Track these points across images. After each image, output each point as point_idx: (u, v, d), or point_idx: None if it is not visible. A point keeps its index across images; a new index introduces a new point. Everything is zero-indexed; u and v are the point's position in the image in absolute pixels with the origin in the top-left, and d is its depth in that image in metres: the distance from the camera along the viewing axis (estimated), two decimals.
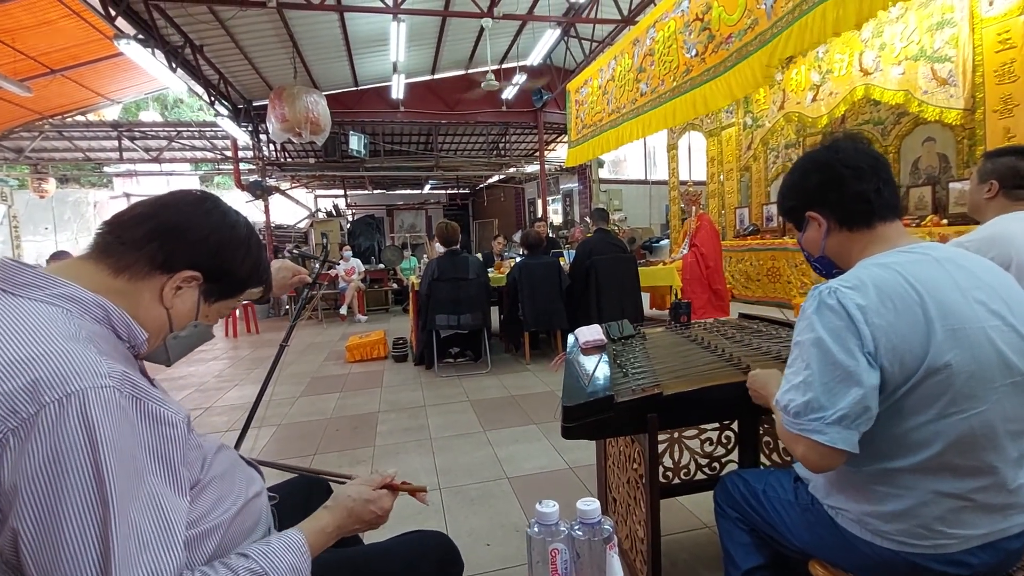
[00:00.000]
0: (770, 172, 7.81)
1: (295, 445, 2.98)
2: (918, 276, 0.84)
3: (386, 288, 9.92)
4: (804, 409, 0.83)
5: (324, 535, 0.78)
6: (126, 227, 0.71)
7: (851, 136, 1.00)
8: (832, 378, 0.81)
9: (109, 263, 0.70)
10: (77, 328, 0.62)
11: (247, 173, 10.70)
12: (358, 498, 0.84)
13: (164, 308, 0.73)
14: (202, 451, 0.74)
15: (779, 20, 3.28)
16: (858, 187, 0.93)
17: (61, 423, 0.54)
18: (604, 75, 6.23)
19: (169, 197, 0.77)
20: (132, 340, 0.71)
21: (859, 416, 0.80)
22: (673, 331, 1.86)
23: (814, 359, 0.84)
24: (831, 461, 0.82)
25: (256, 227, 0.90)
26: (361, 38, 7.98)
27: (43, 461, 0.53)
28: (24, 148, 10.59)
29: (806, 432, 0.83)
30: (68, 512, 0.53)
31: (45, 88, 7.57)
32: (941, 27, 4.80)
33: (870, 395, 0.80)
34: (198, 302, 0.77)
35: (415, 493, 0.96)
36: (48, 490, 0.53)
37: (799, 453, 0.85)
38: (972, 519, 0.82)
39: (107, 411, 0.57)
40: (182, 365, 5.39)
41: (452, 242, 4.53)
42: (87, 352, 0.59)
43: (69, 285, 0.65)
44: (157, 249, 0.71)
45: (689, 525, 1.91)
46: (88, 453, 0.54)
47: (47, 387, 0.54)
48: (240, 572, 0.65)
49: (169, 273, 0.72)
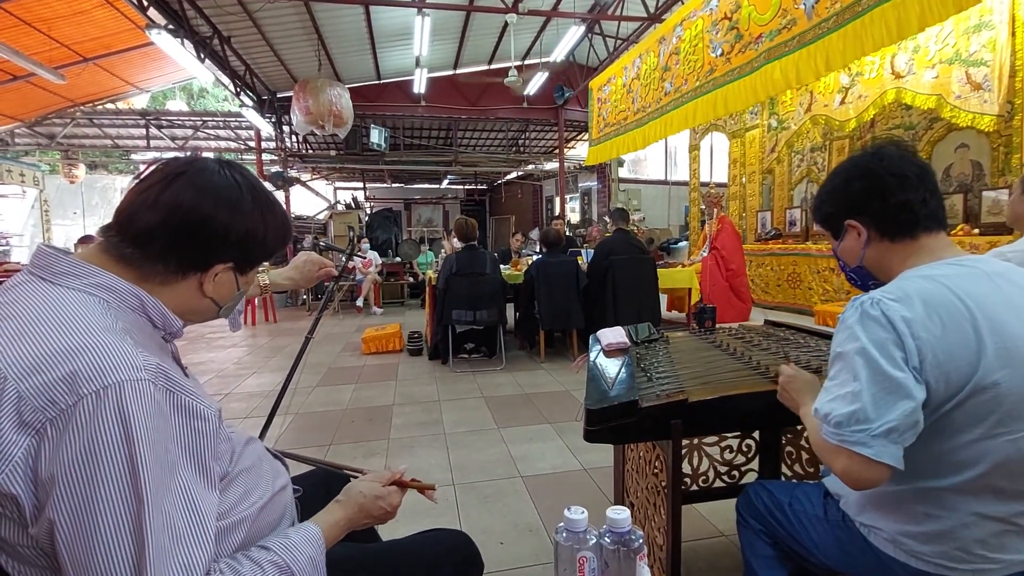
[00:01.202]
0: (794, 176, 7.67)
1: (312, 435, 3.01)
2: (968, 290, 0.81)
3: (402, 281, 9.97)
4: (848, 420, 0.79)
5: (337, 528, 0.79)
6: (139, 239, 0.68)
7: (897, 143, 0.97)
8: (881, 389, 0.78)
9: (133, 273, 0.68)
10: (114, 319, 0.63)
11: (269, 164, 10.84)
12: (369, 494, 0.85)
13: (208, 298, 0.75)
14: (231, 444, 0.75)
15: (824, 21, 3.18)
16: (903, 196, 0.89)
17: (98, 415, 0.54)
18: (629, 73, 6.17)
19: (167, 194, 0.68)
20: (167, 328, 0.71)
21: (908, 430, 0.77)
22: (697, 336, 1.83)
23: (861, 369, 0.80)
24: (874, 476, 0.78)
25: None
26: (385, 32, 8.01)
27: (79, 452, 0.54)
28: (56, 134, 10.87)
29: (848, 444, 0.78)
30: (103, 504, 0.54)
31: (78, 76, 7.74)
32: (979, 30, 4.66)
33: (919, 409, 0.77)
34: (236, 280, 0.77)
35: (424, 491, 0.96)
36: (84, 482, 0.53)
37: (839, 467, 0.81)
38: (1015, 544, 0.79)
39: (142, 404, 0.57)
40: (202, 351, 5.50)
41: (470, 238, 4.54)
42: (124, 344, 0.59)
43: (105, 274, 0.66)
44: (180, 259, 0.70)
45: (706, 533, 1.89)
46: (123, 446, 0.55)
47: (85, 379, 0.55)
48: (264, 565, 0.66)
49: (203, 270, 0.72)
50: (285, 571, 0.67)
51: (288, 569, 0.67)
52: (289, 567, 0.67)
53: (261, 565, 0.66)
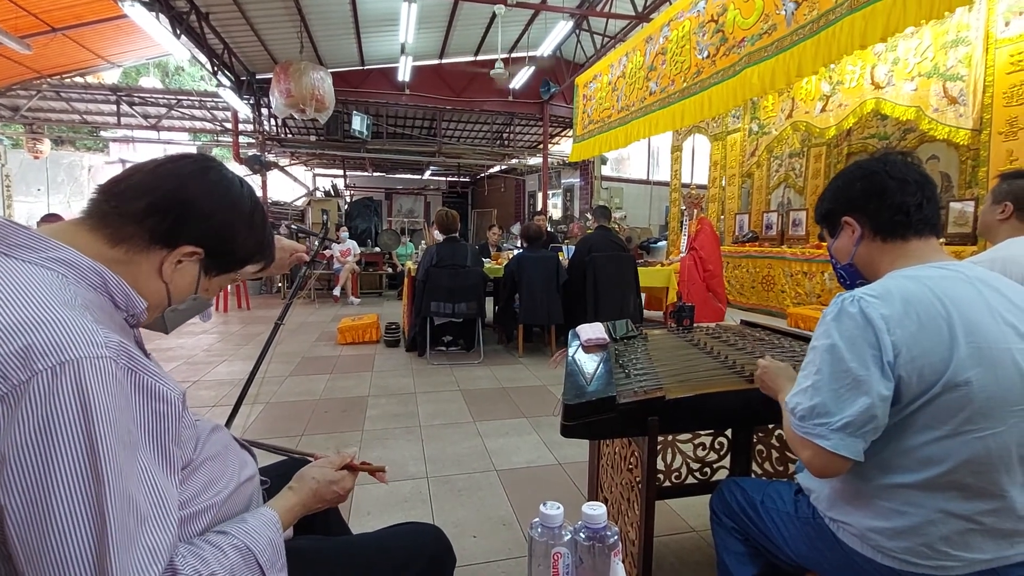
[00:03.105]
0: (772, 180, 7.81)
1: (283, 425, 2.95)
2: (947, 292, 0.83)
3: (381, 272, 9.85)
4: (810, 413, 0.85)
5: (292, 514, 0.80)
6: (125, 197, 0.67)
7: (904, 153, 1.00)
8: (841, 385, 0.82)
9: (106, 233, 0.66)
10: (73, 294, 0.59)
11: (246, 147, 10.56)
12: (322, 479, 0.85)
13: (163, 282, 0.71)
14: (196, 431, 0.72)
15: (801, 28, 3.24)
16: (900, 198, 0.93)
17: (54, 392, 0.51)
18: (615, 71, 6.18)
19: (171, 165, 0.72)
20: (131, 309, 0.68)
21: (864, 425, 0.81)
22: (675, 334, 1.85)
23: (825, 365, 0.85)
24: (835, 467, 0.84)
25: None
26: (371, 16, 7.86)
27: (33, 430, 0.50)
28: (20, 107, 10.38)
29: (810, 436, 0.85)
30: (59, 485, 0.50)
31: (45, 47, 7.40)
32: (956, 45, 4.79)
33: (878, 405, 0.80)
34: (198, 277, 0.74)
35: (375, 473, 0.98)
36: (37, 462, 0.50)
37: (804, 456, 0.87)
38: (978, 543, 0.81)
39: (103, 382, 0.54)
40: (171, 337, 5.34)
41: (451, 230, 4.50)
42: (84, 320, 0.56)
43: (65, 249, 0.62)
44: (158, 223, 0.67)
45: (677, 528, 1.91)
46: (82, 424, 0.52)
47: (41, 354, 0.51)
48: (224, 548, 0.64)
49: (170, 248, 0.69)
50: (246, 553, 0.66)
51: (249, 551, 0.66)
52: (249, 549, 0.66)
53: (222, 548, 0.64)
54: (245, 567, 0.65)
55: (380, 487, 2.18)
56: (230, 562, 0.64)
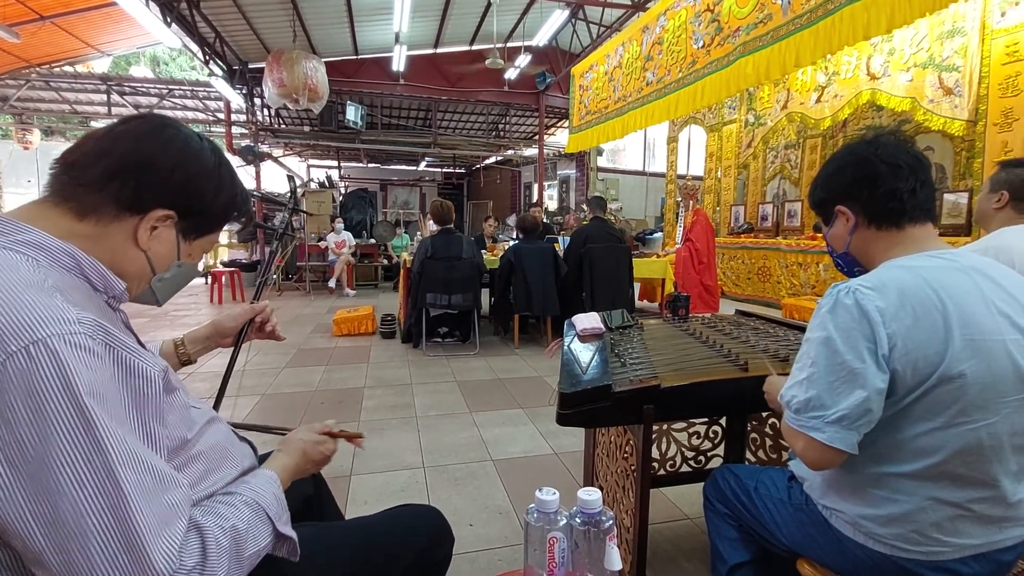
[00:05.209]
0: (768, 172, 7.81)
1: (279, 416, 2.95)
2: (943, 283, 0.82)
3: (376, 263, 9.83)
4: (805, 406, 0.85)
5: (287, 472, 0.81)
6: (81, 166, 0.64)
7: (895, 133, 0.97)
8: (836, 378, 0.82)
9: (71, 206, 0.63)
10: (43, 276, 0.57)
11: (239, 137, 10.47)
12: (309, 440, 0.88)
13: (141, 251, 0.68)
14: (187, 415, 0.70)
15: (798, 17, 3.22)
16: (893, 185, 0.90)
17: (32, 371, 0.50)
18: (611, 61, 6.14)
19: (123, 127, 0.68)
20: (109, 291, 0.66)
21: (859, 418, 0.80)
22: (671, 324, 1.85)
23: (820, 357, 0.84)
24: (829, 459, 0.84)
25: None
26: (364, 5, 7.77)
27: (19, 408, 0.49)
28: (9, 96, 10.22)
29: (805, 429, 0.84)
30: (59, 459, 0.50)
31: (34, 35, 7.28)
32: (952, 35, 4.79)
33: (873, 398, 0.80)
34: (177, 241, 0.72)
35: (352, 439, 1.00)
36: (33, 439, 0.49)
37: (798, 448, 0.87)
38: (969, 529, 0.82)
39: (80, 356, 0.52)
40: (166, 328, 5.32)
41: (446, 221, 4.48)
42: (51, 300, 0.54)
43: (33, 231, 0.60)
44: (119, 188, 0.64)
45: (671, 516, 1.93)
46: (68, 399, 0.50)
47: (11, 336, 0.50)
48: (236, 504, 0.67)
49: (140, 214, 0.67)
50: (256, 507, 0.68)
51: (258, 504, 0.68)
52: (259, 503, 0.69)
53: (234, 504, 0.67)
54: (258, 520, 0.67)
55: (377, 477, 2.19)
56: (245, 515, 0.66)
